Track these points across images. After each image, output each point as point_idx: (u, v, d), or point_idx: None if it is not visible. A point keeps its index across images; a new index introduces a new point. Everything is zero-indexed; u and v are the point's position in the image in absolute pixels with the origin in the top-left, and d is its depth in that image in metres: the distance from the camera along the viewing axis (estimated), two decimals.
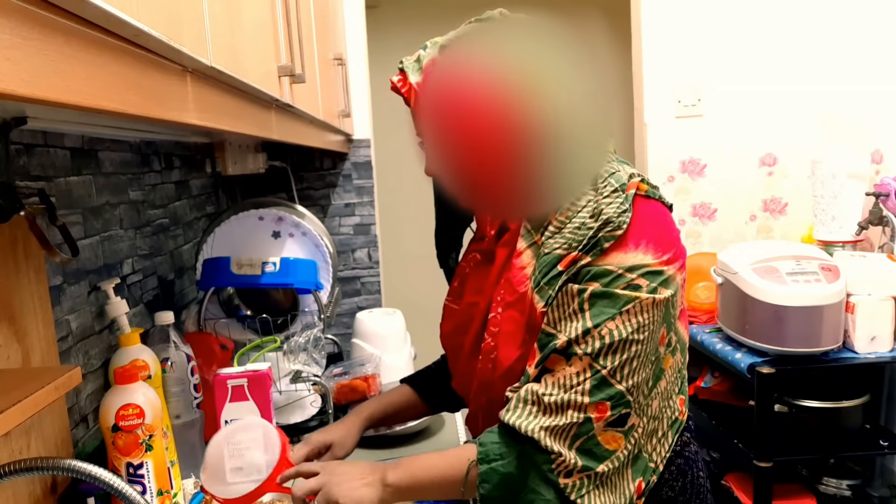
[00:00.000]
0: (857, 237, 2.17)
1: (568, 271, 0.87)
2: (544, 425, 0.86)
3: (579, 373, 0.86)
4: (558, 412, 0.86)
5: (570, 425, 0.86)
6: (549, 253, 0.89)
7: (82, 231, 1.16)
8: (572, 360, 0.86)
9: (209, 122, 0.74)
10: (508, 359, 0.93)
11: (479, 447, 0.89)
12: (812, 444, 1.95)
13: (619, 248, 0.87)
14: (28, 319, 0.95)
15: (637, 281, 0.86)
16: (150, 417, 1.01)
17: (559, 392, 0.86)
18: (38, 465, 0.74)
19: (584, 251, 0.87)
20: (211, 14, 0.70)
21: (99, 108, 0.48)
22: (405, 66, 0.97)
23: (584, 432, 0.86)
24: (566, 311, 0.88)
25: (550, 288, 0.88)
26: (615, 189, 0.89)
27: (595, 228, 0.87)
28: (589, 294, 0.86)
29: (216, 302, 1.60)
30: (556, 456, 0.86)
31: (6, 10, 0.36)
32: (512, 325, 0.93)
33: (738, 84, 2.43)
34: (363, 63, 2.26)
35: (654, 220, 0.90)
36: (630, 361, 0.87)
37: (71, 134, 1.13)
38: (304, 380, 1.46)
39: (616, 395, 0.86)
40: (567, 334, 0.86)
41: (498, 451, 0.88)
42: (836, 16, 2.39)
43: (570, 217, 0.89)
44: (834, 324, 1.87)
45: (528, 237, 0.93)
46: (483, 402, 0.99)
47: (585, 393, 0.85)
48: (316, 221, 1.74)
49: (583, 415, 0.86)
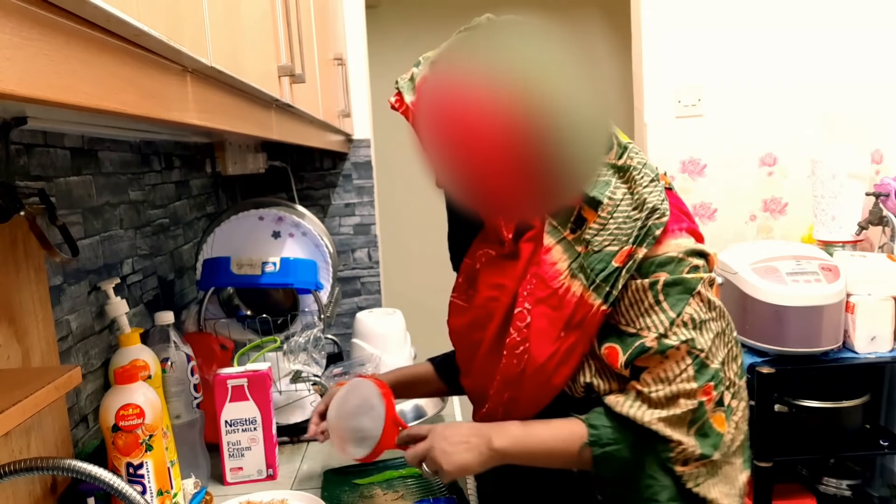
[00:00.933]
0: (857, 237, 2.17)
1: (627, 267, 0.89)
2: (661, 416, 0.89)
3: (678, 362, 0.89)
4: (669, 405, 0.89)
5: (685, 413, 0.89)
6: (600, 250, 0.90)
7: (82, 231, 1.16)
8: (668, 352, 0.88)
9: (209, 122, 0.74)
10: (541, 355, 0.92)
11: (591, 429, 0.91)
12: (812, 444, 1.95)
13: (668, 235, 0.90)
14: (28, 319, 0.95)
15: (695, 262, 0.90)
16: (150, 417, 1.01)
17: (665, 386, 0.89)
18: (38, 465, 0.74)
19: (638, 243, 0.89)
20: (211, 14, 0.70)
21: (99, 108, 0.48)
22: (400, 85, 0.97)
23: (699, 417, 0.89)
24: (642, 307, 0.90)
25: (608, 285, 0.89)
26: (652, 178, 0.92)
27: (642, 218, 0.89)
28: (662, 284, 0.89)
29: (216, 302, 1.60)
30: (675, 444, 0.89)
31: (6, 10, 0.36)
32: (544, 321, 0.92)
33: (738, 84, 2.43)
34: (363, 63, 2.26)
35: (681, 207, 0.95)
36: (714, 339, 0.90)
37: (71, 134, 1.13)
38: (304, 380, 1.46)
39: (715, 374, 0.90)
40: (655, 330, 0.89)
41: (612, 436, 0.91)
42: (836, 16, 2.39)
43: (611, 212, 0.90)
44: (834, 324, 1.87)
45: (556, 233, 0.94)
46: (505, 398, 0.98)
47: (691, 379, 0.89)
48: (316, 221, 1.74)
49: (695, 401, 0.89)
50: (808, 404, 1.93)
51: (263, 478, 1.29)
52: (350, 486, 1.24)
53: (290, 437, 1.47)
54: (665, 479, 0.90)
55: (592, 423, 0.92)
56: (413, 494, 1.20)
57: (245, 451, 1.28)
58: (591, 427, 0.91)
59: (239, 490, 1.25)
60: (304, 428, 1.48)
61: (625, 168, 0.92)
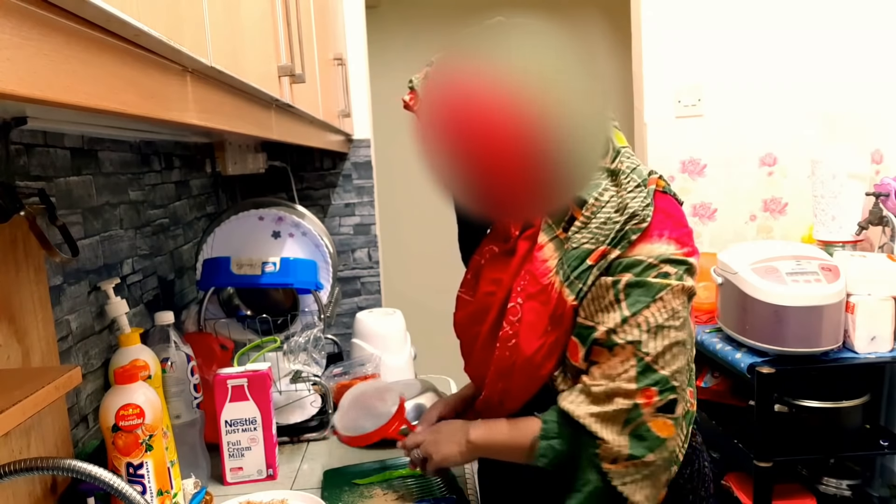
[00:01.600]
0: (857, 237, 2.17)
1: (599, 265, 0.92)
2: (592, 412, 0.91)
3: (623, 361, 0.90)
4: (606, 400, 0.91)
5: (618, 412, 0.90)
6: (578, 248, 0.93)
7: (82, 231, 1.16)
8: (615, 349, 0.91)
9: (209, 122, 0.74)
10: (529, 348, 0.96)
11: (543, 423, 0.96)
12: (812, 444, 1.95)
13: (644, 240, 0.92)
14: (28, 319, 0.95)
15: (666, 269, 0.91)
16: (150, 417, 1.01)
17: (606, 382, 0.91)
18: (38, 465, 0.74)
19: (613, 245, 0.92)
20: (211, 14, 0.70)
21: (99, 108, 0.48)
22: (414, 84, 1.00)
23: (633, 418, 0.90)
24: (602, 304, 0.92)
25: (581, 282, 0.93)
26: (638, 184, 0.94)
27: (621, 222, 0.91)
28: (624, 284, 0.91)
29: (216, 302, 1.60)
30: (601, 441, 0.90)
31: (6, 10, 0.36)
32: (533, 315, 0.96)
33: (738, 84, 2.43)
34: (363, 63, 2.26)
35: (672, 214, 0.96)
36: (670, 348, 0.91)
37: (71, 134, 1.13)
38: (304, 380, 1.46)
39: (661, 381, 0.90)
40: (606, 325, 0.91)
41: (556, 431, 0.95)
42: (836, 16, 2.39)
43: (594, 212, 0.93)
44: (834, 324, 1.87)
45: (550, 231, 0.97)
46: (500, 387, 1.02)
47: (631, 380, 0.90)
48: (316, 221, 1.74)
49: (630, 401, 0.90)
50: (808, 404, 1.93)
51: (263, 478, 1.29)
52: (350, 486, 1.24)
53: (290, 437, 1.47)
54: (594, 476, 0.92)
55: (545, 418, 0.97)
56: (413, 495, 1.20)
57: (245, 451, 1.28)
58: (544, 422, 0.96)
59: (239, 490, 1.25)
60: (305, 428, 1.49)
61: (615, 172, 0.95)
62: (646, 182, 0.95)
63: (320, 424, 1.50)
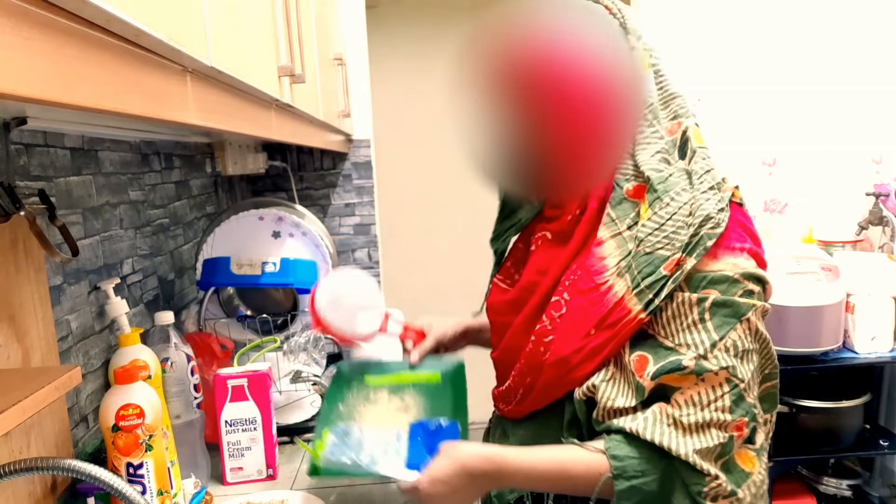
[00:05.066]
0: (857, 237, 2.17)
1: (675, 277, 0.83)
2: (697, 448, 0.82)
3: (715, 388, 0.83)
4: (701, 432, 0.83)
5: (717, 446, 0.83)
6: (651, 252, 0.85)
7: (82, 231, 1.16)
8: (704, 375, 0.83)
9: (209, 122, 0.74)
10: (567, 348, 0.89)
11: (614, 460, 0.84)
12: (812, 444, 1.95)
13: (726, 251, 0.84)
14: (28, 319, 0.95)
15: (751, 287, 0.84)
16: (150, 417, 1.01)
17: (697, 411, 0.83)
18: (38, 465, 0.74)
19: (688, 252, 0.84)
20: (211, 14, 0.70)
21: (99, 108, 0.48)
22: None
23: (726, 452, 0.84)
24: (684, 323, 0.84)
25: (652, 292, 0.84)
26: (711, 186, 0.87)
27: (696, 226, 0.84)
28: (710, 304, 0.83)
29: (216, 302, 1.60)
30: (710, 479, 0.83)
31: (6, 10, 0.36)
32: (579, 314, 0.88)
33: (737, 84, 2.43)
34: (363, 63, 2.26)
35: (749, 229, 0.89)
36: (754, 373, 0.85)
37: (71, 134, 1.13)
38: (304, 380, 1.46)
39: (750, 409, 0.84)
40: (694, 350, 0.83)
41: (639, 468, 0.84)
42: (836, 16, 2.39)
43: (670, 213, 0.85)
44: (834, 324, 1.87)
45: (612, 226, 0.89)
46: (527, 382, 0.95)
47: (726, 410, 0.83)
48: (316, 221, 1.74)
49: (727, 434, 0.83)
50: (808, 404, 1.93)
51: (263, 478, 1.29)
52: (358, 382, 1.19)
53: (290, 437, 1.47)
54: None
55: (615, 454, 0.84)
56: (417, 408, 1.14)
57: (245, 451, 1.28)
58: (615, 458, 0.84)
59: (239, 490, 1.25)
60: (304, 428, 1.49)
61: (691, 173, 0.88)
62: (719, 186, 0.88)
63: None
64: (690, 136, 0.90)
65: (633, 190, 0.88)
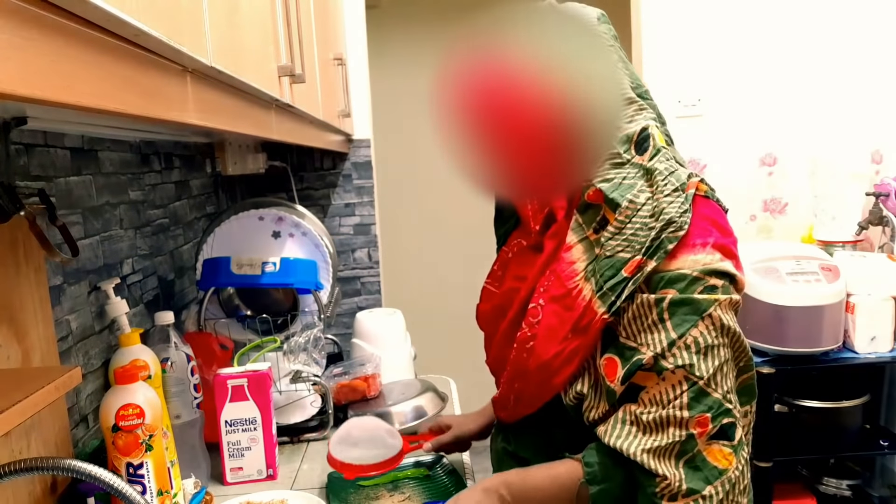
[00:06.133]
0: (857, 237, 2.17)
1: (635, 279, 0.85)
2: (646, 447, 0.84)
3: (674, 386, 0.84)
4: (658, 430, 0.84)
5: (672, 444, 0.84)
6: (612, 256, 0.87)
7: (82, 231, 1.16)
8: (664, 374, 0.84)
9: (209, 122, 0.74)
10: (546, 353, 0.91)
11: (586, 467, 0.88)
12: (812, 444, 1.95)
13: (685, 250, 0.85)
14: (28, 319, 0.95)
15: (712, 281, 0.84)
16: (150, 417, 1.01)
17: (657, 409, 0.84)
18: (38, 465, 0.74)
19: (649, 255, 0.85)
20: (211, 14, 0.70)
21: (99, 108, 0.48)
22: None
23: (688, 449, 0.84)
24: (645, 323, 0.85)
25: (614, 294, 0.86)
26: (676, 188, 0.87)
27: (657, 229, 0.85)
28: (668, 303, 0.84)
29: (216, 302, 1.60)
30: (660, 479, 0.84)
31: (6, 10, 0.36)
32: (555, 319, 0.91)
33: (737, 84, 2.43)
34: (363, 63, 2.26)
35: (716, 221, 0.89)
36: (720, 368, 0.85)
37: (71, 134, 1.13)
38: (304, 380, 1.46)
39: (715, 405, 0.84)
40: (652, 349, 0.84)
41: (605, 473, 0.88)
42: (836, 16, 2.39)
43: (629, 216, 0.86)
44: (834, 324, 1.87)
45: (580, 231, 0.91)
46: (515, 387, 0.98)
47: (684, 407, 0.84)
48: (316, 221, 1.74)
49: (684, 431, 0.84)
50: (808, 404, 1.93)
51: (263, 478, 1.29)
52: (355, 488, 1.24)
53: (290, 437, 1.47)
54: None
55: (587, 461, 0.89)
56: (420, 495, 1.20)
57: (245, 451, 1.28)
58: (587, 465, 0.89)
59: (239, 490, 1.25)
60: (305, 428, 1.49)
61: (651, 171, 0.88)
62: (684, 186, 0.88)
63: (320, 424, 1.50)
64: (652, 135, 0.91)
65: (592, 194, 0.90)
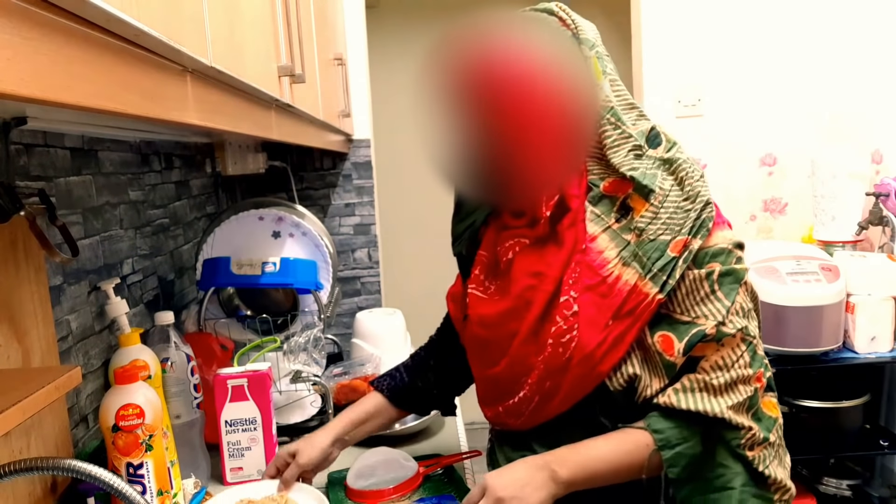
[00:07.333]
0: (857, 237, 2.17)
1: (684, 257, 0.91)
2: (729, 405, 0.91)
3: (734, 349, 0.92)
4: (730, 390, 0.92)
5: (745, 400, 0.93)
6: (655, 239, 0.92)
7: (82, 231, 1.16)
8: (724, 340, 0.91)
9: (209, 122, 0.74)
10: (590, 343, 0.92)
11: (656, 434, 0.92)
12: (812, 444, 1.95)
13: (717, 227, 0.94)
14: (28, 319, 0.95)
15: (739, 253, 0.95)
16: (150, 417, 1.01)
17: (724, 373, 0.92)
18: (38, 465, 0.74)
19: (693, 234, 0.92)
20: (211, 14, 0.70)
21: (99, 108, 0.48)
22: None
23: (754, 403, 0.94)
24: (699, 296, 0.92)
25: (665, 274, 0.91)
26: (702, 175, 0.96)
27: (697, 210, 0.92)
28: (717, 275, 0.92)
29: (216, 302, 1.60)
30: (745, 430, 0.92)
31: (6, 10, 0.36)
32: (593, 308, 0.93)
33: (738, 84, 2.43)
34: (363, 63, 2.26)
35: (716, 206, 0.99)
36: (759, 326, 0.97)
37: (71, 134, 1.13)
38: (304, 380, 1.46)
39: (762, 360, 0.95)
40: (713, 319, 0.91)
41: (680, 436, 0.92)
42: (836, 16, 2.39)
43: (661, 202, 0.93)
44: (834, 324, 1.87)
45: (600, 222, 0.95)
46: (546, 387, 0.96)
47: (747, 366, 0.92)
48: (316, 221, 1.74)
49: (751, 387, 0.93)
50: (808, 404, 1.93)
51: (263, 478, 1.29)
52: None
53: (290, 437, 1.47)
54: (737, 465, 0.93)
55: (656, 428, 0.92)
56: (416, 492, 1.20)
57: (245, 451, 1.28)
58: (656, 432, 0.92)
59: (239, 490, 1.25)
60: (305, 428, 1.49)
61: (672, 161, 0.95)
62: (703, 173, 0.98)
63: (320, 424, 1.50)
64: (661, 132, 0.98)
65: (609, 185, 0.95)
